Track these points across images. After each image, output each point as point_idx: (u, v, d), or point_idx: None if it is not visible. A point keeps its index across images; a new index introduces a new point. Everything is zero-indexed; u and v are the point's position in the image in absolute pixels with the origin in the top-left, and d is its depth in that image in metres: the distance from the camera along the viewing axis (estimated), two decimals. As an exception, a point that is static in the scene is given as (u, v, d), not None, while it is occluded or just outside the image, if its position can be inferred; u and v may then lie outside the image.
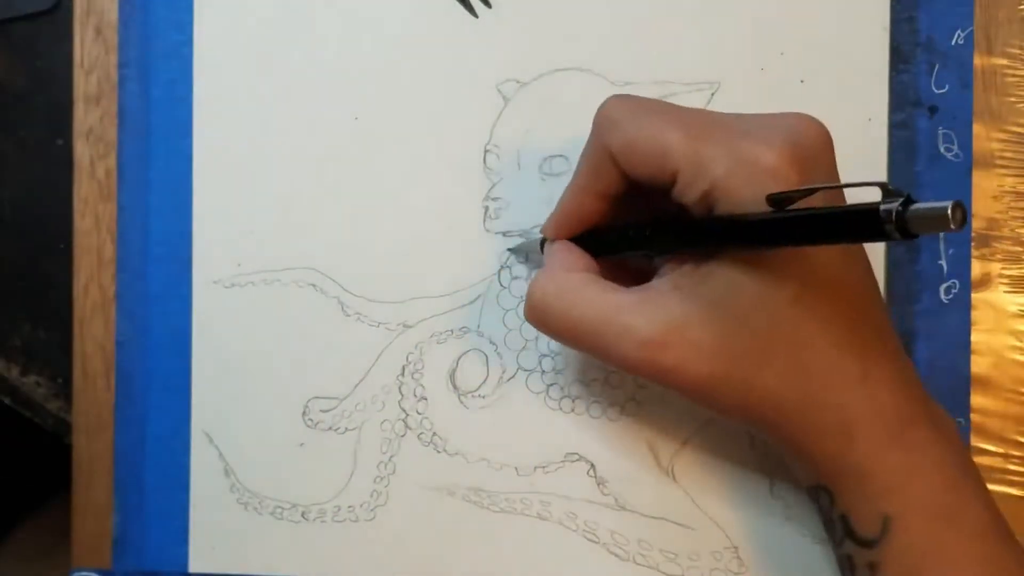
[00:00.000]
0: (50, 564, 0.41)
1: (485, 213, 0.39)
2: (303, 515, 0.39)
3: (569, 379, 0.38)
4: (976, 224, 0.38)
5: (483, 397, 0.39)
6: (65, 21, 0.40)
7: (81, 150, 0.40)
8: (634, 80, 0.38)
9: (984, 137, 0.38)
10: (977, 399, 0.37)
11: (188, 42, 0.40)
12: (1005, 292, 0.38)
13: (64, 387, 0.41)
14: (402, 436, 0.39)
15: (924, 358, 0.38)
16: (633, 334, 0.31)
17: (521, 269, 0.39)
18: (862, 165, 0.38)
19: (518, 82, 0.39)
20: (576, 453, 0.38)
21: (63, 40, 0.40)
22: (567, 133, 0.38)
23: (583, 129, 0.38)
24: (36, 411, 0.42)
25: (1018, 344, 0.38)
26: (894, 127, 0.38)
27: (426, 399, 0.39)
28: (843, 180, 0.38)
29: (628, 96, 0.33)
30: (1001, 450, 0.37)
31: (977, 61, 0.38)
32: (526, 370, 0.39)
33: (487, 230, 0.39)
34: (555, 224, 0.35)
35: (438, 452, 0.39)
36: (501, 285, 0.39)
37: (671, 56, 0.38)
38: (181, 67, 0.40)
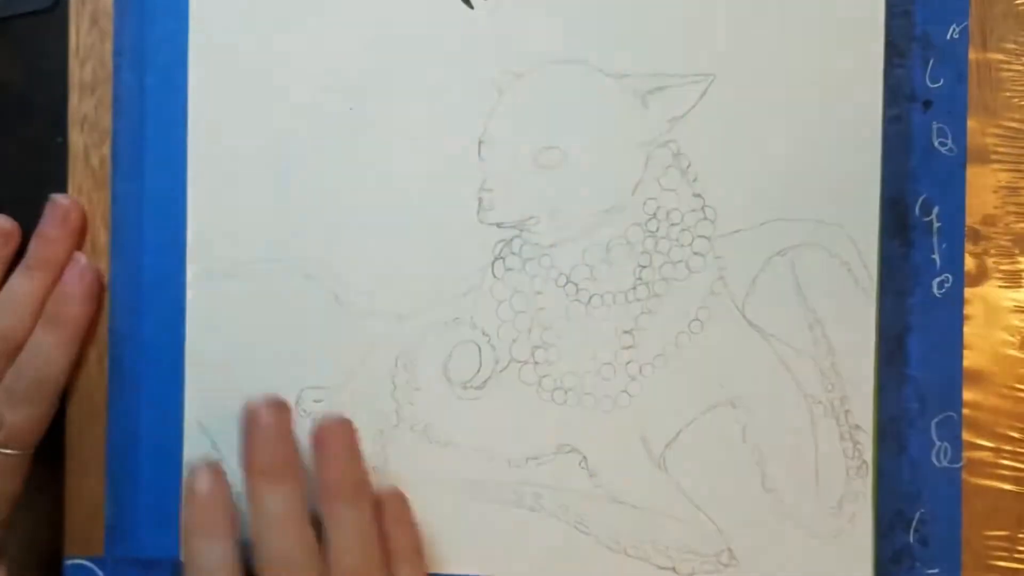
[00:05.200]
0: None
1: (479, 204, 0.39)
2: (295, 505, 0.39)
3: (562, 371, 0.39)
4: (970, 219, 0.38)
5: (476, 388, 0.39)
6: (64, 19, 0.40)
7: (76, 138, 0.40)
8: (629, 72, 0.38)
9: (979, 132, 0.38)
10: (969, 394, 0.37)
11: (183, 30, 0.39)
12: (998, 287, 0.38)
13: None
14: (395, 427, 0.39)
15: (916, 352, 0.38)
16: None
17: (514, 260, 0.39)
18: (857, 159, 0.38)
19: (513, 73, 0.39)
20: (568, 445, 0.38)
21: (63, 38, 0.40)
22: (562, 125, 0.38)
23: (578, 121, 0.38)
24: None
25: (1011, 339, 0.38)
26: (888, 121, 0.38)
27: (419, 390, 0.39)
28: (838, 174, 0.38)
29: None
30: (993, 444, 0.37)
31: (972, 56, 0.38)
32: (519, 361, 0.39)
33: (481, 221, 0.39)
34: None
35: (430, 443, 0.39)
36: (494, 276, 0.39)
37: (666, 48, 0.38)
38: (176, 55, 0.40)
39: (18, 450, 0.38)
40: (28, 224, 0.40)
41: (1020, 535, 0.37)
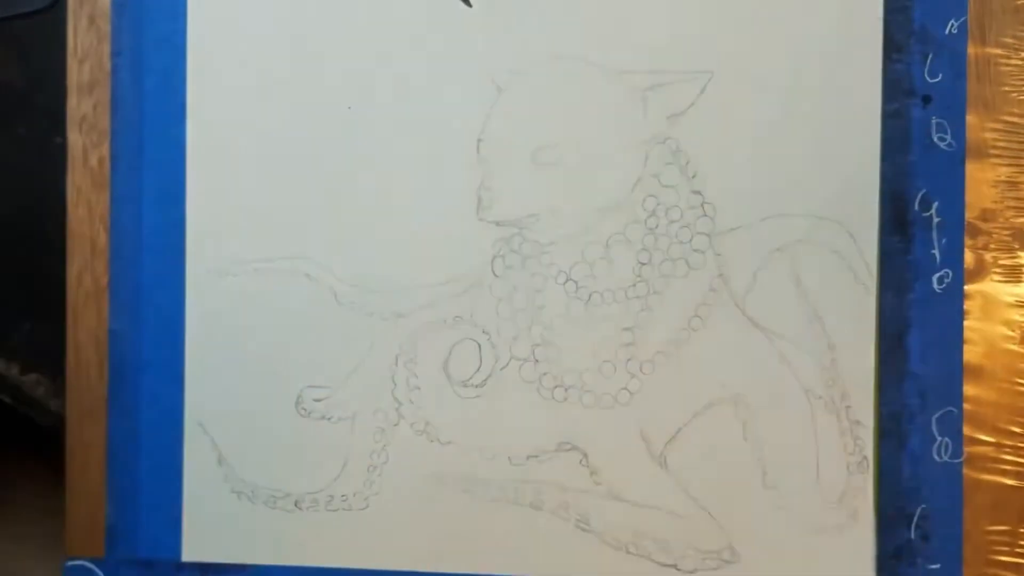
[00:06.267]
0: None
1: (478, 203, 0.39)
2: (296, 504, 0.39)
3: (562, 368, 0.38)
4: (969, 214, 0.38)
5: (476, 386, 0.39)
6: (63, 20, 0.40)
7: (74, 139, 0.40)
8: (629, 69, 0.38)
9: (978, 127, 0.38)
10: (970, 388, 0.37)
11: (181, 31, 0.39)
12: (998, 282, 0.38)
13: (65, 385, 0.41)
14: (395, 425, 0.39)
15: (917, 348, 0.38)
16: None
17: (514, 258, 0.39)
18: (856, 155, 0.38)
19: (512, 72, 0.39)
20: (569, 443, 0.38)
21: (61, 39, 0.40)
22: (561, 122, 0.38)
23: (577, 118, 0.38)
24: (37, 410, 0.42)
25: (1011, 333, 0.38)
26: (888, 116, 0.38)
27: (419, 388, 0.39)
28: (837, 170, 0.38)
29: None
30: (993, 439, 0.37)
31: (971, 51, 0.38)
32: (519, 359, 0.39)
33: (480, 219, 0.39)
34: None
35: (431, 441, 0.39)
36: (494, 274, 0.39)
37: (665, 46, 0.38)
38: (174, 56, 0.40)
39: None
40: (27, 224, 0.40)
41: (1022, 530, 0.37)
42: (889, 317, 0.38)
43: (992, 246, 0.38)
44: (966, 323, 0.38)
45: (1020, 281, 0.38)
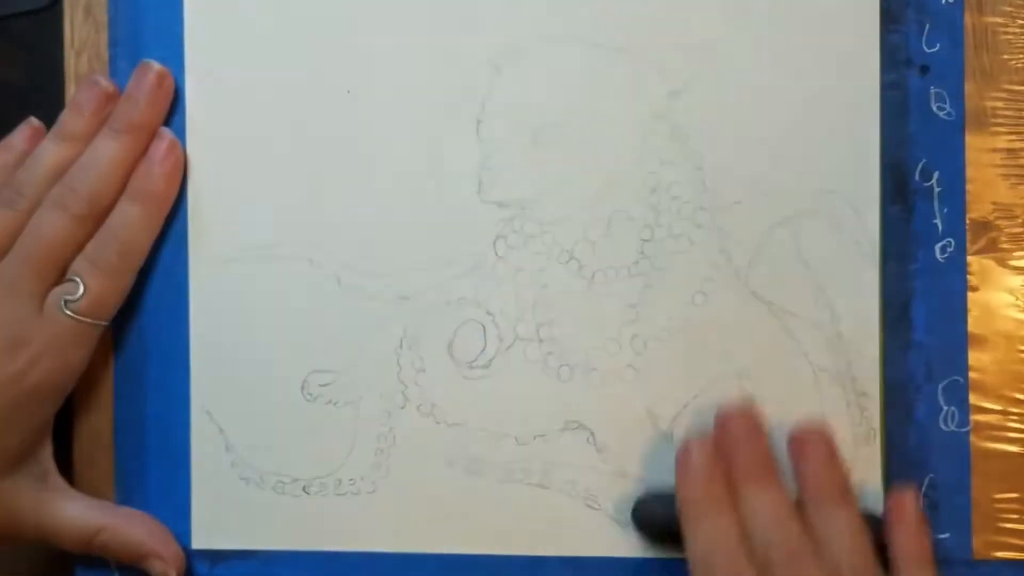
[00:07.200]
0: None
1: (479, 183, 0.39)
2: (304, 489, 0.39)
3: (567, 347, 0.38)
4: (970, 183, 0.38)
5: (482, 367, 0.39)
6: (63, 17, 0.40)
7: (74, 130, 0.40)
8: (627, 47, 0.38)
9: (976, 96, 0.38)
10: (975, 357, 0.37)
11: (178, 19, 0.39)
12: (1000, 250, 0.38)
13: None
14: (401, 408, 0.39)
15: (921, 317, 0.38)
16: None
17: (516, 238, 0.39)
18: (855, 126, 0.38)
19: (511, 51, 0.39)
20: (575, 421, 0.38)
21: (61, 37, 0.40)
22: (560, 101, 0.38)
23: (576, 97, 0.38)
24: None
25: (1015, 301, 0.38)
26: (886, 87, 0.38)
27: (424, 370, 0.39)
28: (837, 141, 0.38)
29: None
30: (1000, 407, 0.37)
31: (968, 20, 0.38)
32: (523, 339, 0.39)
33: (482, 200, 0.39)
34: None
35: (437, 423, 0.39)
36: (497, 255, 0.39)
37: (663, 21, 0.38)
38: (172, 44, 0.40)
39: (97, 320, 0.37)
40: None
41: (1030, 497, 0.37)
42: (893, 287, 0.38)
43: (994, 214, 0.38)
44: (969, 291, 0.38)
45: (1022, 249, 0.38)
